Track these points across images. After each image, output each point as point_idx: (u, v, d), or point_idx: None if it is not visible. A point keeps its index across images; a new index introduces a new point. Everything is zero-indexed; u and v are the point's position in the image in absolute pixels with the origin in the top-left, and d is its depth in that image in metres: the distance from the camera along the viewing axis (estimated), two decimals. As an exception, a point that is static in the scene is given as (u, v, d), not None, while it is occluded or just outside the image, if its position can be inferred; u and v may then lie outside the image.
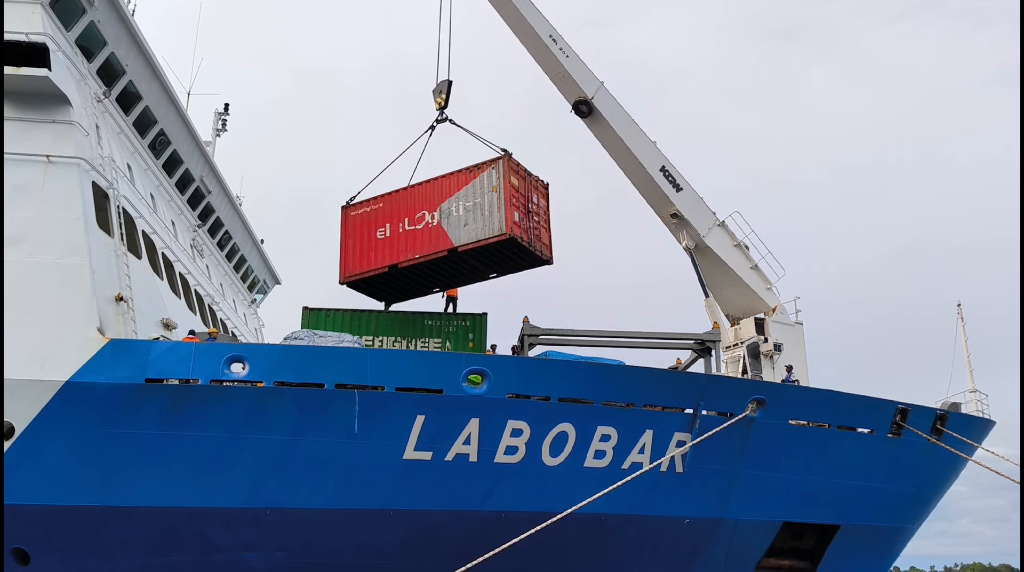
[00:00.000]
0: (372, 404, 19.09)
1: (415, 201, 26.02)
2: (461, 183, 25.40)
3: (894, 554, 27.21)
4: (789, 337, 28.04)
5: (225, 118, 40.07)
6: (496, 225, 24.26)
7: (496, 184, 24.59)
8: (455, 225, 24.98)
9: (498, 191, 24.49)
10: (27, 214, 19.94)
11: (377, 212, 26.66)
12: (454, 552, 18.04)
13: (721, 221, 29.12)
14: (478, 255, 25.34)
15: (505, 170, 24.73)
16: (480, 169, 25.30)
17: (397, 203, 26.38)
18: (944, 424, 24.73)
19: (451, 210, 25.17)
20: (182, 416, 18.59)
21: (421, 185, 26.24)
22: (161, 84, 26.20)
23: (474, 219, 24.70)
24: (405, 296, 28.27)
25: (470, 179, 25.26)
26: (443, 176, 25.96)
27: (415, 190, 26.25)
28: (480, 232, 24.51)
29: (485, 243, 24.51)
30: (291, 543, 19.07)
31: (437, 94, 28.52)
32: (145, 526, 18.54)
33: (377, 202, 26.96)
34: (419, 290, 28.01)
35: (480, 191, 24.90)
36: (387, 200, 26.65)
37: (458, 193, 25.28)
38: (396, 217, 26.10)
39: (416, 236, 25.56)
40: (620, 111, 28.69)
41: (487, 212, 24.50)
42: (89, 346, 18.85)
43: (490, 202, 24.56)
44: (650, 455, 20.76)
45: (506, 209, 24.20)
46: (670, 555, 21.76)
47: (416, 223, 25.63)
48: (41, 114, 20.89)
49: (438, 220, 25.29)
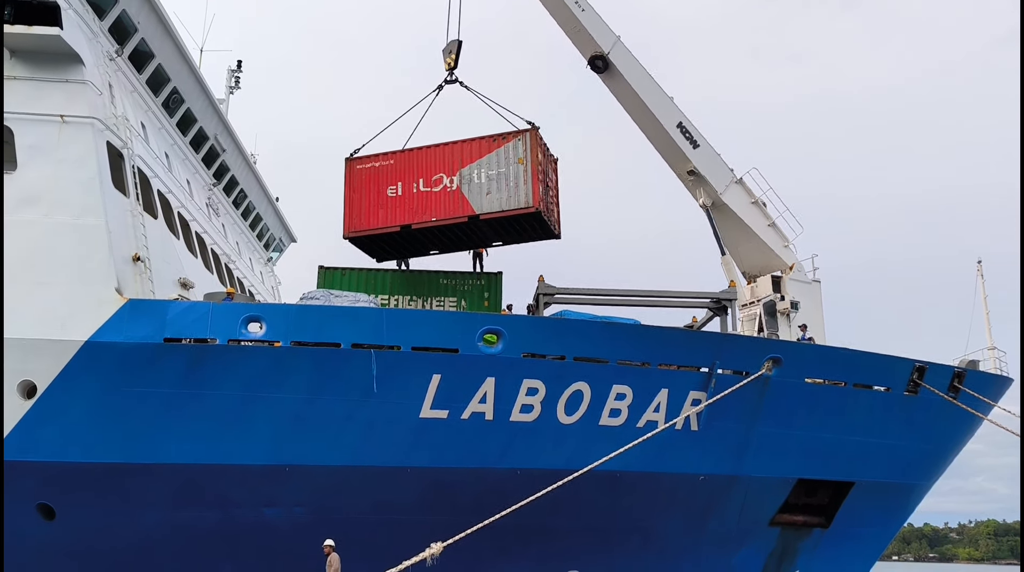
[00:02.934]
0: (388, 363, 19.22)
1: (431, 162, 25.70)
2: (483, 150, 25.24)
3: (908, 510, 27.36)
4: (806, 295, 27.82)
5: (238, 75, 39.66)
6: (523, 197, 24.46)
7: (522, 156, 24.73)
8: (476, 192, 24.91)
9: (524, 163, 24.66)
10: (43, 174, 19.99)
11: (387, 169, 26.23)
12: (470, 508, 18.27)
13: (739, 178, 28.75)
14: (497, 224, 25.39)
15: (533, 143, 24.86)
16: (505, 139, 25.25)
17: (411, 162, 26.03)
18: (961, 382, 24.64)
19: (472, 177, 25.05)
20: (201, 375, 18.81)
21: (438, 147, 25.90)
22: (173, 41, 25.97)
23: (497, 189, 24.74)
24: (401, 255, 27.92)
25: (493, 147, 25.14)
26: (463, 141, 25.69)
27: (431, 151, 25.90)
28: (505, 202, 24.63)
29: (510, 214, 24.63)
30: (309, 499, 19.39)
31: (447, 54, 28.08)
32: (167, 483, 18.90)
33: (387, 158, 26.46)
34: (418, 251, 27.74)
35: (504, 161, 24.91)
36: (399, 158, 26.26)
37: (480, 160, 25.12)
38: (409, 176, 25.80)
39: (433, 198, 25.32)
40: (637, 66, 28.17)
41: (512, 183, 24.63)
42: (107, 306, 19.03)
43: (515, 173, 24.70)
44: (665, 414, 20.85)
45: (533, 182, 24.42)
46: (684, 511, 21.98)
47: (432, 185, 25.40)
48: (54, 73, 20.78)
49: (457, 185, 25.10)
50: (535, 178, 24.46)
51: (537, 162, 24.72)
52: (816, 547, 24.30)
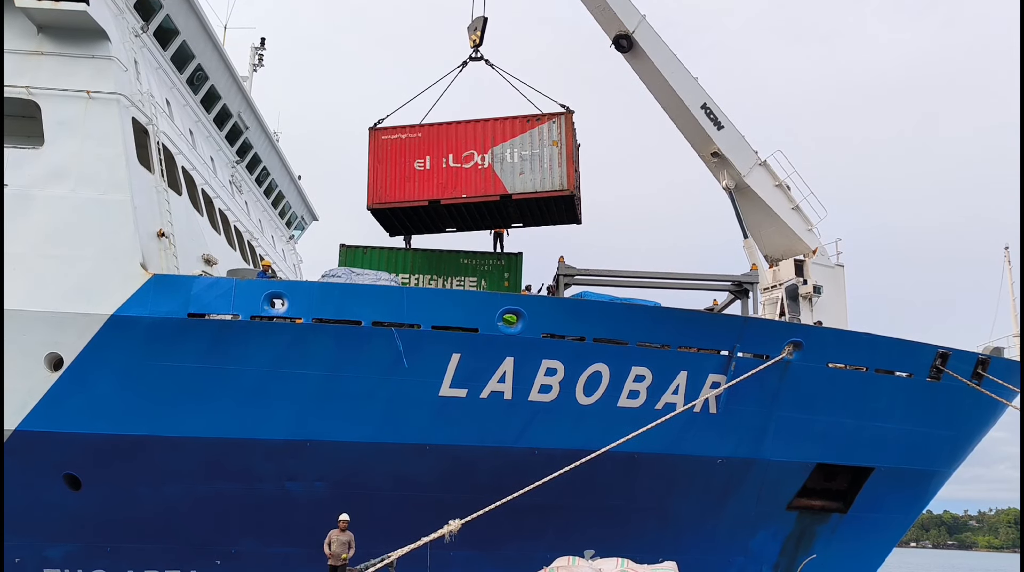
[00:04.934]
0: (409, 342, 19.34)
1: (461, 138, 25.48)
2: (516, 130, 25.15)
3: (927, 497, 27.19)
4: (829, 279, 27.58)
5: (261, 53, 39.65)
6: (557, 179, 24.48)
7: (557, 139, 24.77)
8: (509, 171, 24.85)
9: (559, 146, 24.71)
10: (70, 150, 20.19)
11: (415, 142, 25.85)
12: (488, 487, 18.44)
13: (763, 160, 28.46)
14: (527, 205, 25.35)
15: (567, 127, 24.89)
16: (539, 120, 25.19)
17: (440, 136, 25.70)
18: (985, 369, 24.38)
19: (505, 155, 24.98)
20: (224, 351, 19.03)
21: (469, 123, 25.67)
22: (198, 18, 26.03)
23: (531, 169, 24.72)
24: (418, 231, 27.63)
25: (527, 128, 25.10)
26: (495, 119, 25.54)
27: (461, 127, 25.66)
28: (539, 183, 24.61)
29: (544, 195, 24.62)
30: (331, 474, 19.62)
31: (472, 31, 27.86)
32: (191, 456, 19.18)
33: (415, 131, 26.04)
34: (435, 228, 27.48)
35: (538, 142, 24.88)
36: (427, 131, 25.90)
37: (512, 139, 25.04)
38: (438, 150, 25.53)
39: (463, 175, 25.16)
40: (662, 46, 27.86)
41: (546, 165, 24.64)
42: (132, 281, 19.27)
43: (550, 155, 24.71)
44: (684, 396, 20.82)
45: (568, 165, 24.51)
46: (702, 493, 21.99)
47: (463, 162, 25.32)
48: (80, 49, 20.92)
49: (489, 162, 25.01)
50: (569, 161, 24.56)
51: (571, 146, 24.83)
52: (834, 532, 24.24)
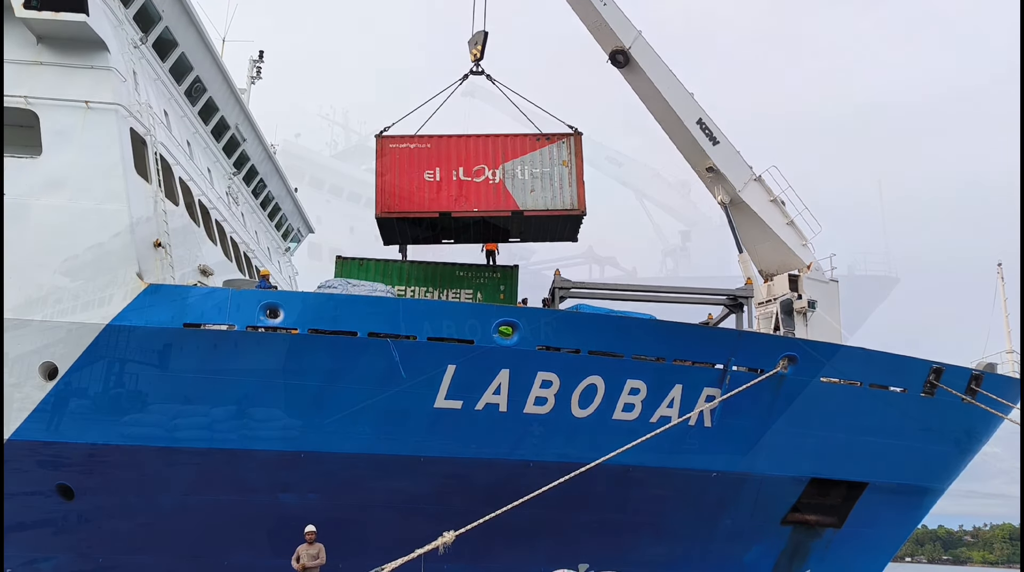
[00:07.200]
0: (404, 353, 19.35)
1: (472, 152, 25.66)
2: (526, 148, 25.53)
3: (922, 512, 27.22)
4: (823, 294, 27.67)
5: (260, 65, 39.84)
6: (568, 199, 25.02)
7: (567, 159, 25.35)
8: (520, 188, 25.20)
9: (569, 166, 25.31)
10: (67, 159, 20.23)
11: (424, 152, 25.83)
12: (483, 499, 18.40)
13: (758, 176, 28.61)
14: (537, 222, 25.70)
15: (577, 147, 25.43)
16: (549, 139, 25.69)
17: (450, 149, 25.78)
18: (979, 385, 24.49)
19: (516, 172, 25.31)
20: (219, 360, 19.02)
21: (479, 137, 25.93)
22: (197, 30, 26.16)
23: (542, 188, 25.12)
24: (416, 242, 27.67)
25: (537, 146, 25.52)
26: (505, 135, 25.86)
27: (472, 141, 25.86)
28: (550, 202, 25.06)
29: (556, 214, 25.07)
30: (324, 486, 19.57)
31: (472, 45, 28.04)
32: (184, 466, 19.13)
33: (424, 141, 26.07)
34: (433, 239, 27.60)
35: (548, 161, 25.34)
36: (437, 142, 25.95)
37: (523, 157, 25.42)
38: (448, 163, 25.61)
39: (475, 189, 25.32)
40: (658, 61, 28.05)
41: (556, 184, 25.12)
42: (129, 290, 19.27)
43: (560, 174, 25.24)
44: (679, 409, 20.86)
45: (578, 185, 25.05)
46: (696, 507, 21.99)
47: (474, 175, 25.50)
48: (79, 59, 21.00)
49: (500, 178, 25.28)
50: (579, 182, 25.09)
51: (581, 166, 25.32)
52: (828, 547, 24.23)
